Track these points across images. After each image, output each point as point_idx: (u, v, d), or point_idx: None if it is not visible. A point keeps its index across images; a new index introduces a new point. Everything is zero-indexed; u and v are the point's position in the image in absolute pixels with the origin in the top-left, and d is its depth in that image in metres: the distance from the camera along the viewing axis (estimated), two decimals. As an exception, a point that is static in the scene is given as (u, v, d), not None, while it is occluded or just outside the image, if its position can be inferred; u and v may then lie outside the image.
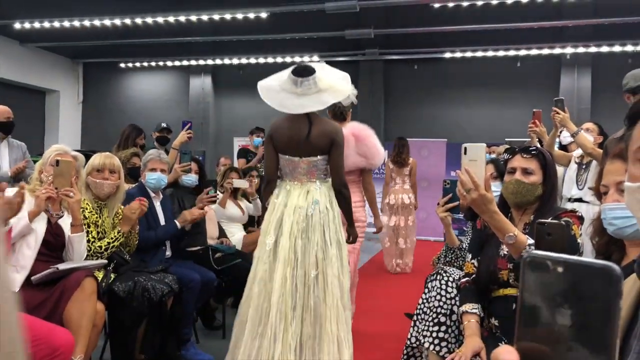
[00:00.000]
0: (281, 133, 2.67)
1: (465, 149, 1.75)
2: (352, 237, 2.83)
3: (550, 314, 0.44)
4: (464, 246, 2.93)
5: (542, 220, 1.60)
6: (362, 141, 3.28)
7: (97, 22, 9.00)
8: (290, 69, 2.63)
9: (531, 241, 1.77)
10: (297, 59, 10.31)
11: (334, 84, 2.63)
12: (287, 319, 2.36)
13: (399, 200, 6.32)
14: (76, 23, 9.06)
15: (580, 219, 2.01)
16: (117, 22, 8.96)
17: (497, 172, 2.91)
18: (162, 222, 3.40)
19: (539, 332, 0.44)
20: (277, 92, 2.59)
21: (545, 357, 0.43)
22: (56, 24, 9.13)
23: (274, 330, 2.35)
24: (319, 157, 2.62)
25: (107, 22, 8.97)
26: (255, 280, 2.53)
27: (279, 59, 10.29)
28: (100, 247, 2.86)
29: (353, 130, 3.29)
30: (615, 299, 0.42)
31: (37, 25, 9.22)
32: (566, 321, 0.43)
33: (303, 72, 2.58)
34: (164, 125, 5.21)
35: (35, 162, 3.19)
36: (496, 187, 2.49)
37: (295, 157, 2.63)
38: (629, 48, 9.01)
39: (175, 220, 3.38)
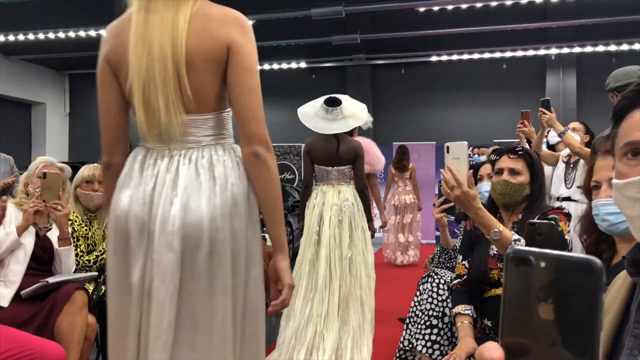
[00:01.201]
0: (316, 148, 3.45)
1: (448, 147, 1.78)
2: (372, 231, 3.54)
3: (534, 309, 0.44)
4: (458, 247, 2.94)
5: (532, 220, 1.61)
6: (367, 152, 3.95)
7: (82, 33, 8.96)
8: (323, 99, 3.40)
9: (516, 237, 1.78)
10: (285, 65, 10.33)
11: (356, 112, 3.43)
12: (332, 286, 3.19)
13: (402, 201, 7.23)
14: (61, 34, 9.01)
15: (567, 216, 2.03)
16: (103, 32, 8.88)
17: (494, 172, 2.94)
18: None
19: (523, 327, 0.44)
20: (312, 117, 3.37)
21: (530, 352, 0.44)
22: (41, 35, 9.08)
23: (321, 295, 3.17)
24: (346, 166, 3.43)
25: (93, 32, 8.92)
26: (305, 261, 3.30)
27: (266, 66, 10.30)
28: (89, 260, 2.83)
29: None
30: (598, 293, 0.42)
31: (21, 37, 9.17)
32: (550, 316, 0.43)
33: (332, 103, 3.37)
34: None
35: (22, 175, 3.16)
36: (488, 187, 2.51)
37: (328, 167, 3.43)
38: (612, 47, 9.12)
39: None
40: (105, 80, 1.44)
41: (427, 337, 2.18)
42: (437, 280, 2.28)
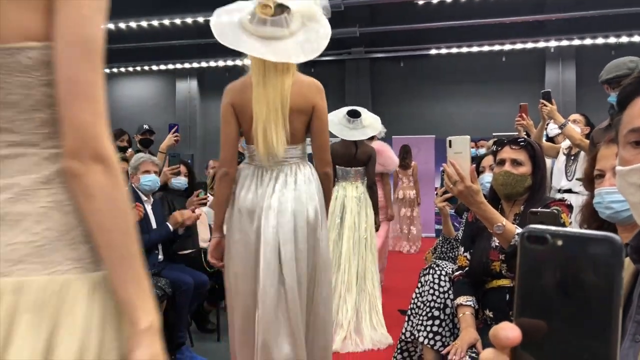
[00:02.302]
0: (337, 152, 4.00)
1: (450, 142, 1.77)
2: (376, 224, 4.19)
3: (550, 289, 0.43)
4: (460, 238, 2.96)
5: (534, 209, 1.61)
6: (381, 154, 4.65)
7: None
8: (345, 110, 4.11)
9: (520, 230, 1.78)
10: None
11: (372, 123, 4.20)
12: (351, 260, 3.92)
13: (406, 196, 8.03)
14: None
15: (569, 208, 2.03)
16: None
17: (495, 163, 2.95)
18: (154, 225, 3.38)
19: (539, 306, 0.43)
20: (335, 124, 4.00)
21: (545, 332, 0.43)
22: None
23: (344, 267, 3.89)
24: (361, 167, 4.17)
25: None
26: (330, 242, 3.85)
27: (265, 60, 10.25)
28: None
29: (376, 146, 4.68)
30: (617, 270, 0.41)
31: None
32: (567, 294, 0.43)
33: (354, 114, 4.09)
34: (145, 127, 5.09)
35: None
36: (490, 179, 2.52)
37: (347, 167, 4.15)
38: (612, 40, 9.10)
39: (167, 223, 3.36)
40: (229, 117, 2.22)
41: (428, 328, 2.18)
42: (438, 272, 2.28)
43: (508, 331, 0.43)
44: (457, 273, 2.21)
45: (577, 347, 0.43)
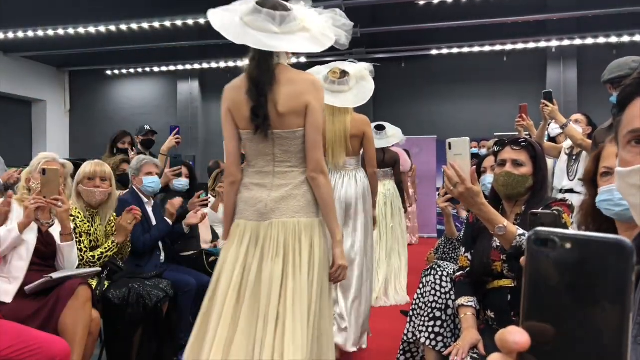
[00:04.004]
0: None
1: (450, 143, 1.76)
2: (405, 208, 5.54)
3: (558, 292, 0.42)
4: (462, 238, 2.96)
5: (535, 211, 1.61)
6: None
7: (81, 30, 8.94)
8: (373, 125, 4.78)
9: (521, 231, 1.78)
10: (284, 61, 10.28)
11: (395, 133, 5.45)
12: (380, 244, 5.02)
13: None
14: (60, 31, 8.99)
15: (571, 208, 2.02)
16: (102, 29, 8.90)
17: (496, 163, 2.95)
18: (155, 228, 3.37)
19: (546, 310, 0.43)
20: None
21: (553, 336, 0.42)
22: (40, 32, 9.06)
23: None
24: (388, 169, 5.32)
25: (92, 29, 8.90)
26: None
27: (266, 61, 10.23)
28: (93, 256, 2.83)
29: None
30: (628, 273, 0.41)
31: (21, 34, 9.15)
32: (575, 298, 0.42)
33: (380, 128, 5.35)
34: (147, 128, 5.07)
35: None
36: (492, 179, 2.52)
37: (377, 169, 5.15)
38: (613, 39, 9.07)
39: (165, 218, 3.35)
40: None
41: (430, 329, 2.18)
42: (440, 273, 2.28)
43: (516, 336, 0.43)
44: (458, 273, 2.21)
45: (585, 352, 0.42)
